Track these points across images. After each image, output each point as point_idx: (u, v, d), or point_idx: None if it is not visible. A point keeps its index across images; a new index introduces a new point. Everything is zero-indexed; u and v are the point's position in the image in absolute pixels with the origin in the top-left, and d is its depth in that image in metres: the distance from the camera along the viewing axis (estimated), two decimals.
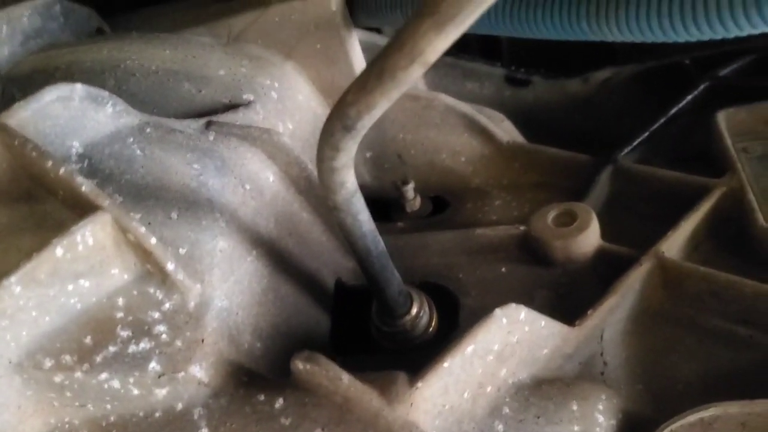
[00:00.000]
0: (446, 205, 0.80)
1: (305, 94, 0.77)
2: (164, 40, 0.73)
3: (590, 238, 0.64)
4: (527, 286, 0.64)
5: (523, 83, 0.97)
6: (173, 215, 0.52)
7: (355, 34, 0.77)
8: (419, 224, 0.77)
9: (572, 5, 0.51)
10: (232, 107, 0.65)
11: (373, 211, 0.50)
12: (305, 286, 0.62)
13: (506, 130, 0.85)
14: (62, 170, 0.47)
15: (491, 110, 0.88)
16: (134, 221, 0.47)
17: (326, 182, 0.44)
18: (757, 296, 0.57)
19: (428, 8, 0.32)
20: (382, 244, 0.52)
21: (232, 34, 0.76)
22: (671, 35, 0.44)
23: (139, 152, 0.54)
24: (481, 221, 0.74)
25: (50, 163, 0.47)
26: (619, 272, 0.61)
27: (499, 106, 0.93)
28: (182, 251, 0.50)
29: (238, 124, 0.62)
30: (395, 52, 0.35)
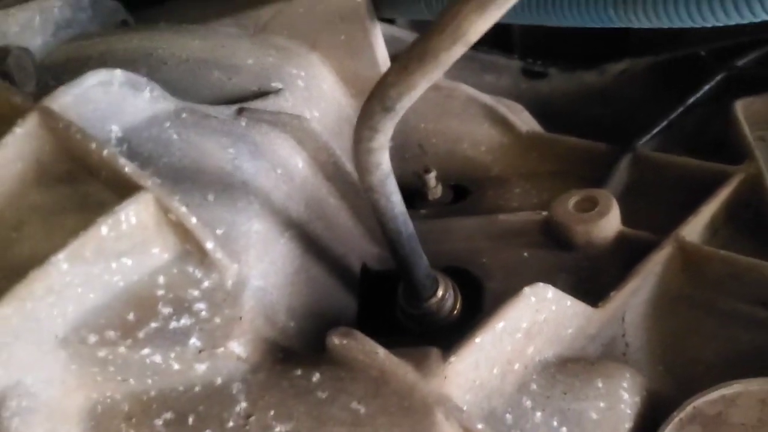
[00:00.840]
0: (467, 193, 0.82)
1: (330, 84, 0.78)
2: (192, 31, 0.74)
3: (611, 222, 0.65)
4: (549, 270, 0.65)
5: (540, 75, 0.99)
6: (210, 197, 0.53)
7: (378, 25, 0.79)
8: (442, 211, 0.79)
9: None
10: (261, 95, 0.67)
11: None
12: (333, 269, 0.63)
13: (525, 120, 0.86)
14: (105, 152, 0.48)
15: (510, 101, 0.89)
16: (175, 201, 0.48)
17: (362, 163, 0.46)
18: None
19: None
20: (412, 226, 0.53)
21: (258, 25, 0.77)
22: (698, 20, 0.45)
23: (176, 136, 0.56)
24: (502, 208, 0.76)
25: (94, 145, 0.48)
26: (639, 257, 0.62)
27: (516, 97, 0.95)
28: (219, 232, 0.51)
29: (268, 110, 0.63)
30: (438, 33, 0.36)
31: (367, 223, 0.71)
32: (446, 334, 0.59)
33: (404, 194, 0.52)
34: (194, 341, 0.47)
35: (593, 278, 0.64)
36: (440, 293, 0.60)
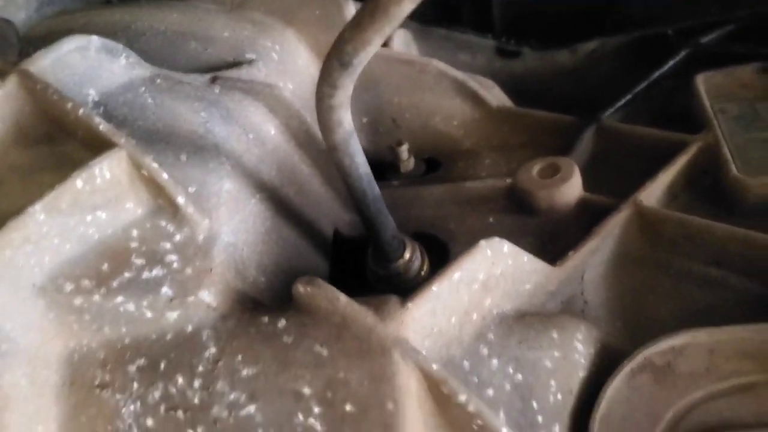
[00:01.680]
0: (439, 166, 0.84)
1: (304, 59, 0.80)
2: (172, 5, 0.77)
3: (572, 188, 0.68)
4: (514, 234, 0.68)
5: (513, 54, 1.01)
6: (182, 158, 0.55)
7: (351, 1, 0.81)
8: (414, 183, 0.81)
9: None
10: (235, 65, 0.69)
11: None
12: (305, 232, 0.65)
13: (496, 95, 0.89)
14: (81, 111, 0.51)
15: (482, 77, 0.92)
16: (148, 158, 0.50)
17: (325, 121, 0.48)
18: (727, 239, 0.60)
19: None
20: (377, 188, 0.55)
21: (235, 2, 0.80)
22: None
23: (150, 101, 0.58)
24: (471, 177, 0.78)
25: (70, 105, 0.51)
26: (600, 221, 0.64)
27: (491, 76, 0.97)
28: (191, 190, 0.54)
29: (242, 79, 0.65)
30: None
31: (339, 190, 0.73)
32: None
33: (378, 167, 0.53)
34: (166, 290, 0.49)
35: (556, 241, 0.67)
36: (407, 255, 0.62)
